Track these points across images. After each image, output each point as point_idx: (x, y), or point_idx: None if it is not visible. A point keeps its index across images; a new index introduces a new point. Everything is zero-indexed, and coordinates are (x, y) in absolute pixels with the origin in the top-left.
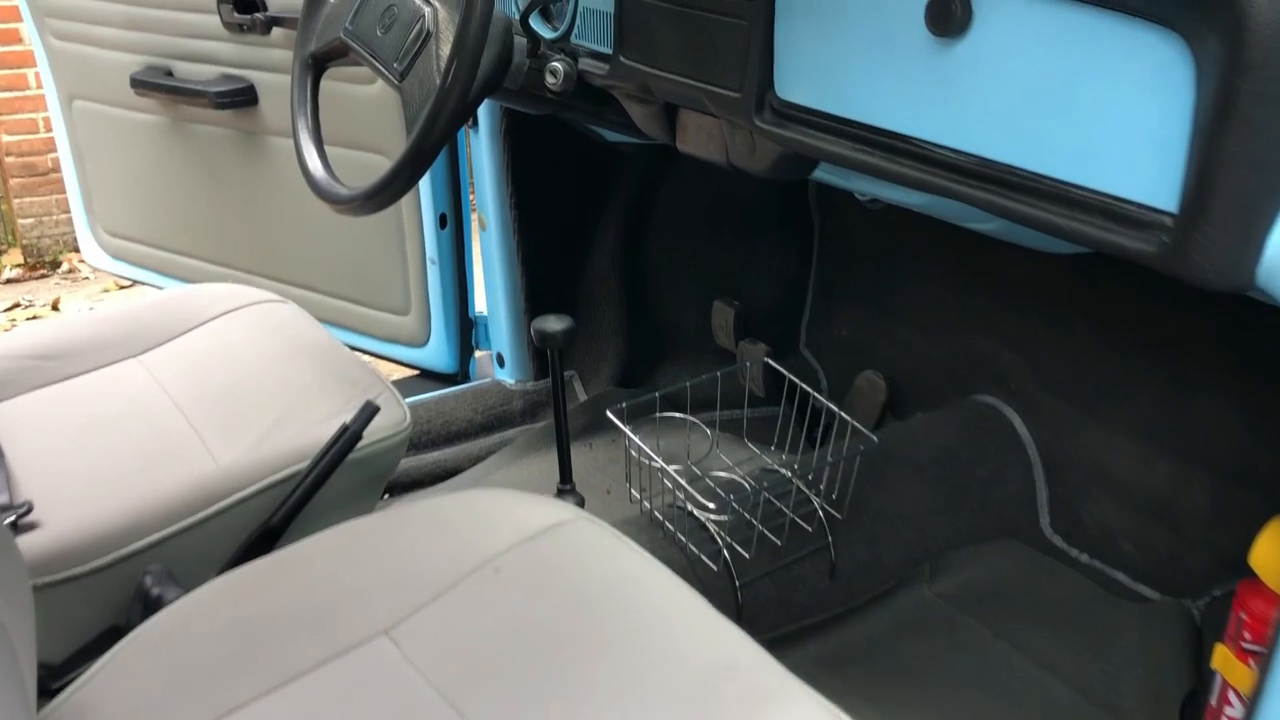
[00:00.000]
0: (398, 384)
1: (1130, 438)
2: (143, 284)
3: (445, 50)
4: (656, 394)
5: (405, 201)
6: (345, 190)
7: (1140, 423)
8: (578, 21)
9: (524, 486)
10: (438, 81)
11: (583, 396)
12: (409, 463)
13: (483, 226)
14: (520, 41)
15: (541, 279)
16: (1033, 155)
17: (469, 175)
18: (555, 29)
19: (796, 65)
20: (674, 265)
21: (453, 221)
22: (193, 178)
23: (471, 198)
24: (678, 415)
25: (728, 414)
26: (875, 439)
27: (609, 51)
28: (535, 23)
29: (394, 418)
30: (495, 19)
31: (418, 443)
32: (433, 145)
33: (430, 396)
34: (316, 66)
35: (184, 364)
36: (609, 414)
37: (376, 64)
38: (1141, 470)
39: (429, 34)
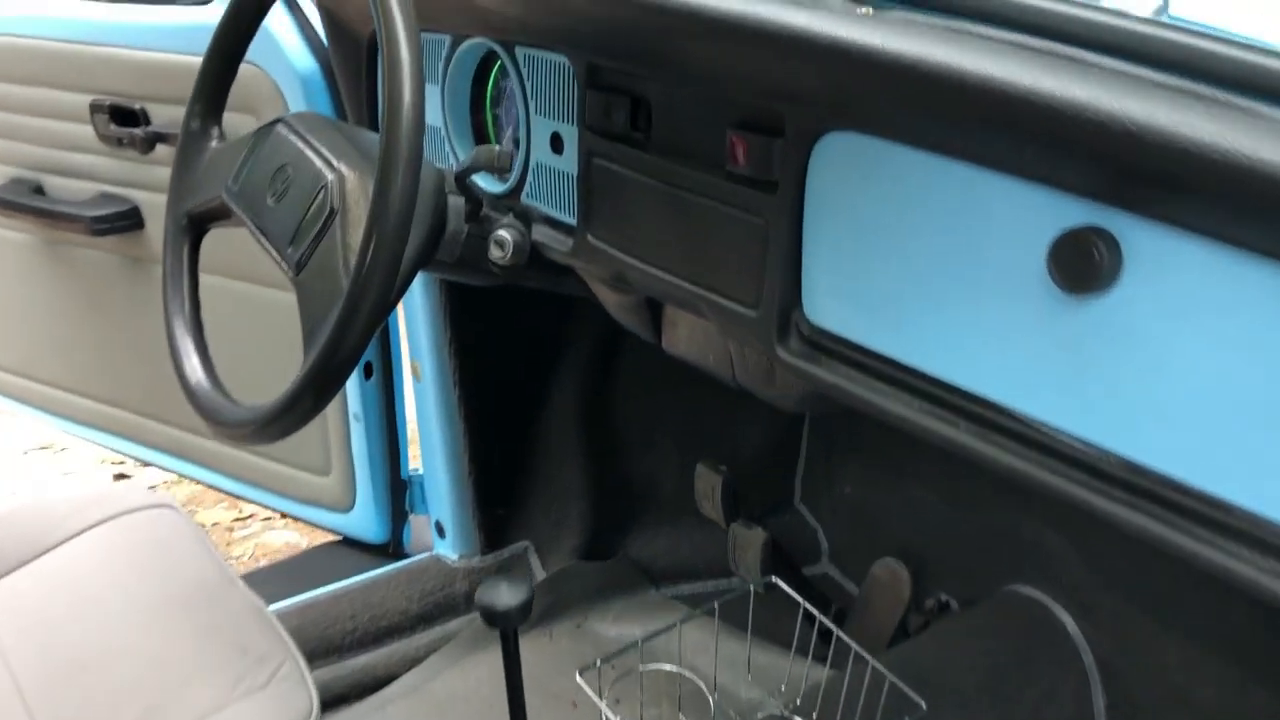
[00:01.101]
0: (319, 551)
1: (1214, 653)
2: (22, 417)
3: (355, 238)
4: (639, 639)
5: None
6: (235, 409)
7: (1227, 634)
8: (530, 177)
9: (469, 699)
10: (345, 285)
11: (540, 573)
12: (330, 672)
13: (417, 376)
14: (456, 203)
15: (488, 435)
16: (1216, 472)
17: (399, 317)
18: (503, 181)
19: (835, 283)
20: (647, 414)
21: (380, 371)
22: (73, 307)
23: (403, 342)
24: (667, 667)
25: (722, 584)
26: (924, 706)
27: (572, 222)
28: (476, 175)
29: (294, 712)
30: (423, 177)
31: (342, 645)
32: (343, 363)
33: (355, 583)
34: (195, 228)
35: (31, 610)
36: (579, 679)
37: (266, 244)
38: (1231, 696)
39: (333, 211)
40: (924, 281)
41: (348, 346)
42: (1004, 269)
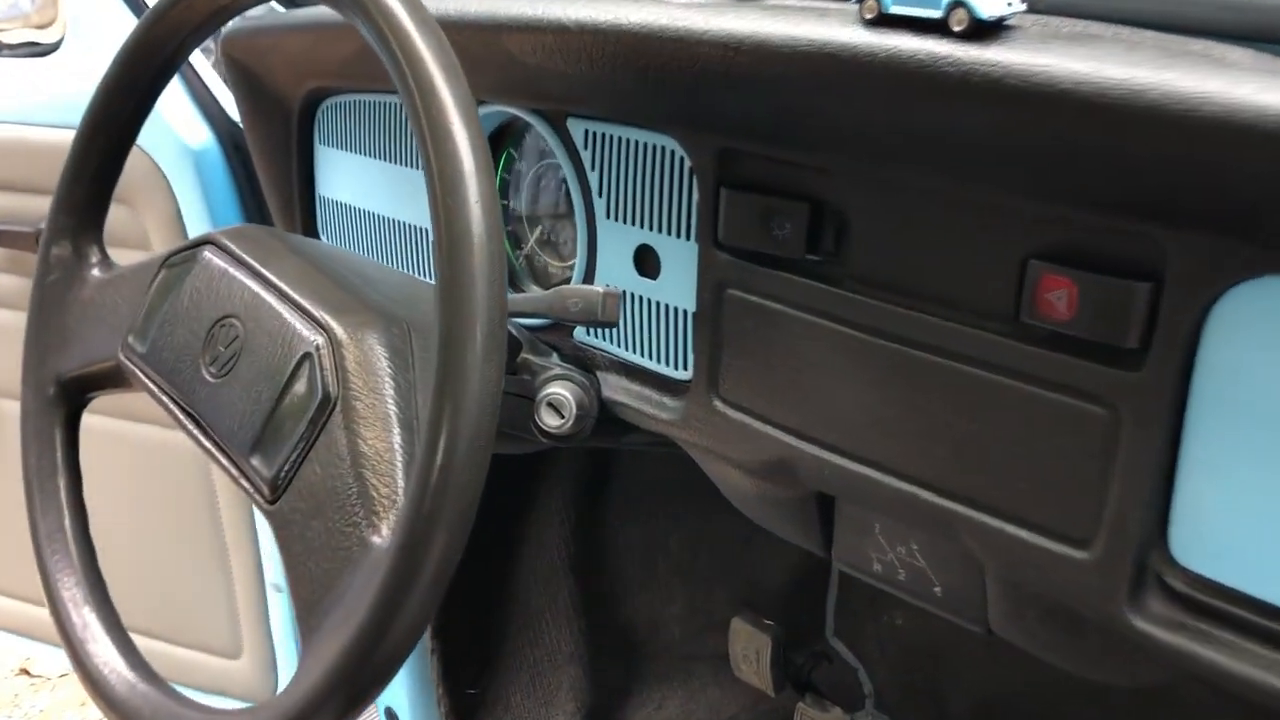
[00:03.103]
0: None
1: None
2: None
3: (375, 445)
4: None
5: (227, 496)
6: (181, 713)
7: None
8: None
9: None
10: (365, 529)
11: None
12: None
13: None
14: None
15: (453, 597)
16: None
17: None
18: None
19: (1240, 515)
20: (645, 543)
21: None
22: None
23: None
24: None
25: None
26: None
27: (680, 377)
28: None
29: None
30: None
31: None
32: (395, 652)
33: None
34: (70, 401)
35: None
36: None
37: (207, 444)
38: None
39: (328, 399)
40: None
41: (402, 628)
42: None
